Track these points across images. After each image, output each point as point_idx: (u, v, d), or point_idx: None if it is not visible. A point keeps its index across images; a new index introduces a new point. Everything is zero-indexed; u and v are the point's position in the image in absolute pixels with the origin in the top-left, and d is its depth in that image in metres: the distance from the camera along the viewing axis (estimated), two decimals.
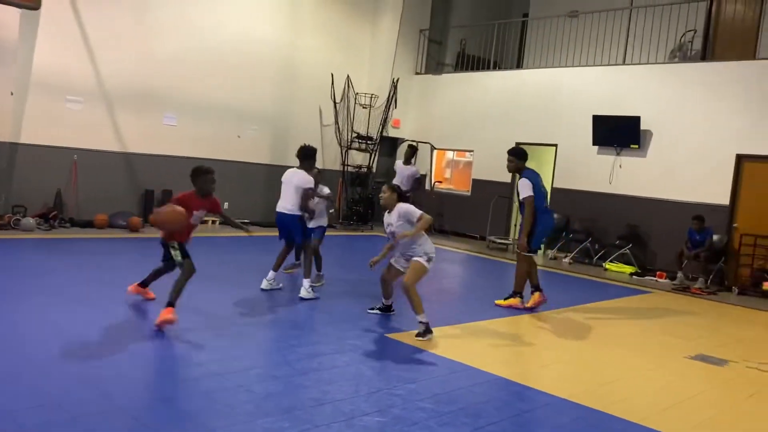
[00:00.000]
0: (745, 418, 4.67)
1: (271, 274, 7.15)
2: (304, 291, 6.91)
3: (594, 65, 12.94)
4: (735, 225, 10.86)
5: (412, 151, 11.15)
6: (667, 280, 10.81)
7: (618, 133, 12.01)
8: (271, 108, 13.33)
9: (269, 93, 13.26)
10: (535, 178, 7.51)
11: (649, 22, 12.50)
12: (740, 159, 10.85)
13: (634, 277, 11.14)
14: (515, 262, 7.94)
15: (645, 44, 12.52)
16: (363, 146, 14.45)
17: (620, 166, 12.16)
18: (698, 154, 11.25)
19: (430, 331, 5.78)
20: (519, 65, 15.70)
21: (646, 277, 11.05)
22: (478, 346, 5.83)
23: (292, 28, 13.52)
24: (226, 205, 12.44)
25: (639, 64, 12.35)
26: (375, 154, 14.72)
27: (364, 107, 14.47)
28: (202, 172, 5.67)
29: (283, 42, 13.36)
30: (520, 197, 7.47)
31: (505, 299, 7.63)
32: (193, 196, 5.64)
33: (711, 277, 10.61)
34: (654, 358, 6.04)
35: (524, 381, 4.91)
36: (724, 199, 10.94)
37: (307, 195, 6.99)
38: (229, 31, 12.37)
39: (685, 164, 11.37)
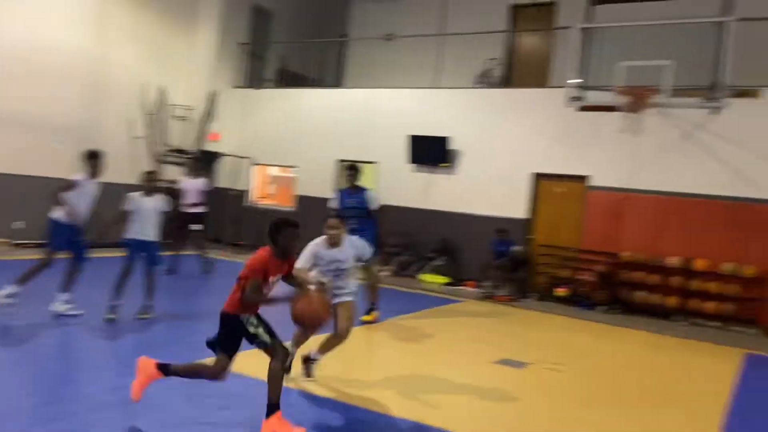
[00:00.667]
0: (538, 416, 5.07)
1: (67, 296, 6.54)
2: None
3: (409, 87, 13.56)
4: (532, 237, 11.91)
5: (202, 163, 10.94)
6: (476, 289, 11.55)
7: (431, 152, 12.66)
8: (77, 119, 12.27)
9: (74, 103, 12.20)
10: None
11: (458, 48, 13.40)
12: (537, 177, 11.94)
13: (446, 286, 11.77)
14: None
15: (454, 69, 13.40)
16: (178, 160, 13.79)
17: (433, 184, 12.83)
18: (501, 172, 12.20)
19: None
20: (339, 84, 16.01)
21: (457, 287, 11.73)
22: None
23: (99, 36, 12.58)
24: (23, 224, 11.20)
25: (449, 87, 13.16)
26: (189, 168, 14.10)
27: (179, 119, 13.84)
28: (288, 225, 4.21)
29: (88, 50, 12.37)
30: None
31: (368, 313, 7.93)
32: (272, 258, 4.14)
33: (513, 285, 11.51)
34: (463, 365, 6.37)
35: (341, 397, 4.91)
36: (523, 214, 11.97)
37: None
38: (18, 37, 11.20)
39: (490, 181, 12.26)
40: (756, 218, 9.98)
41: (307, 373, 5.22)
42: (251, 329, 4.02)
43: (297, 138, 14.58)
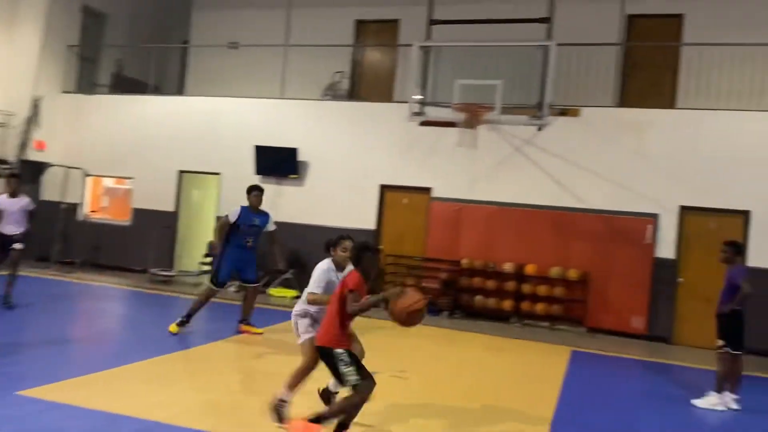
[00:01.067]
0: (383, 426, 5.14)
1: None
2: None
3: (255, 97, 13.33)
4: (380, 247, 12.17)
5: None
6: None
7: (278, 163, 12.52)
8: None
9: None
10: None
11: (305, 60, 13.38)
12: (383, 189, 12.23)
13: (295, 300, 11.63)
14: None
15: (301, 80, 13.36)
16: None
17: (281, 195, 12.68)
18: (350, 183, 12.34)
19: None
20: (181, 92, 15.36)
21: None
22: (131, 390, 5.38)
23: None
24: None
25: (296, 98, 13.11)
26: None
27: None
28: (370, 250, 4.52)
29: None
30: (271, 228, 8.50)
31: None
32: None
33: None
34: (310, 381, 6.31)
35: (174, 420, 4.65)
36: (371, 224, 12.19)
37: None
38: None
39: (339, 193, 12.36)
40: (577, 226, 10.94)
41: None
42: (342, 368, 4.21)
43: (134, 147, 13.77)
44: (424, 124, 9.72)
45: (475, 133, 9.06)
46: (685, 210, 10.49)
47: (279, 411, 4.70)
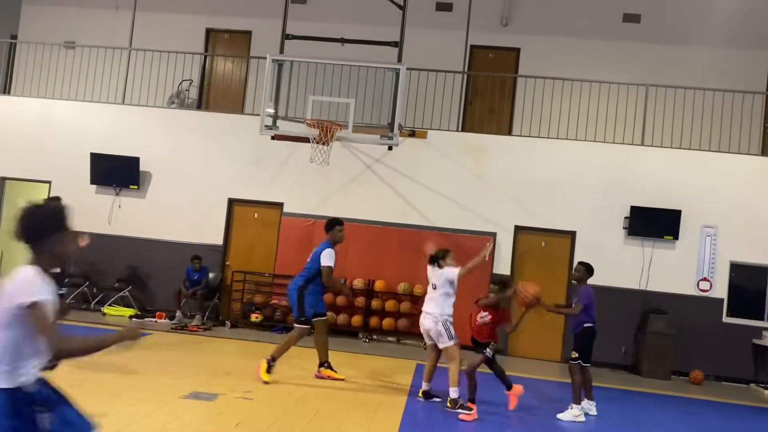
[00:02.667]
0: None
1: None
2: None
3: (93, 101, 12.43)
4: (228, 263, 11.79)
5: None
6: (166, 320, 10.96)
7: (118, 172, 11.75)
8: None
9: None
10: None
11: (151, 65, 12.71)
12: (231, 202, 11.89)
13: (133, 319, 10.94)
14: None
15: (145, 86, 12.66)
16: None
17: (120, 206, 11.90)
18: (195, 196, 11.86)
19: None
20: (7, 91, 13.95)
21: (146, 319, 10.99)
22: None
23: None
24: None
25: (139, 105, 12.41)
26: None
27: None
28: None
29: None
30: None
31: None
32: None
33: (207, 313, 11.21)
34: (149, 403, 5.92)
35: None
36: (219, 239, 11.79)
37: None
38: None
39: (184, 206, 11.83)
40: (422, 243, 11.29)
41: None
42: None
43: None
44: (276, 138, 9.59)
45: (328, 149, 9.10)
46: (519, 229, 11.26)
47: (462, 405, 6.40)
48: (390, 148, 10.09)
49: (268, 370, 7.10)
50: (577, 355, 7.06)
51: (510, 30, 13.23)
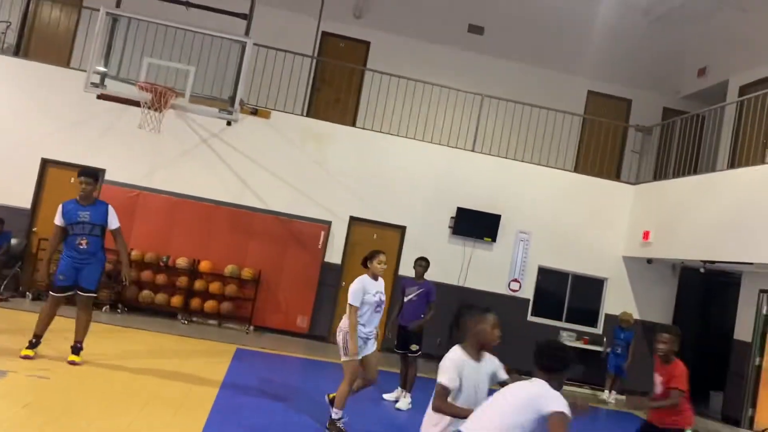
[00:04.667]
0: (18, 429, 4.45)
1: None
2: None
3: None
4: (35, 229, 10.69)
5: None
6: None
7: None
8: None
9: None
10: None
11: None
12: (45, 163, 10.78)
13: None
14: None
15: None
16: None
17: None
18: (3, 152, 10.60)
19: None
20: None
21: None
22: None
23: None
24: None
25: None
26: None
27: None
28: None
29: None
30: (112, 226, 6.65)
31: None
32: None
33: (5, 282, 10.07)
34: None
35: None
36: (26, 203, 10.65)
37: None
38: None
39: None
40: (255, 225, 11.08)
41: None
42: None
43: None
44: (101, 97, 8.81)
45: (160, 117, 8.54)
46: (353, 220, 11.40)
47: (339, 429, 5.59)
48: (229, 124, 9.74)
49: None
50: (418, 347, 7.42)
51: (362, 23, 13.35)
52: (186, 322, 10.59)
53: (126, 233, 10.58)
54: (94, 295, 6.78)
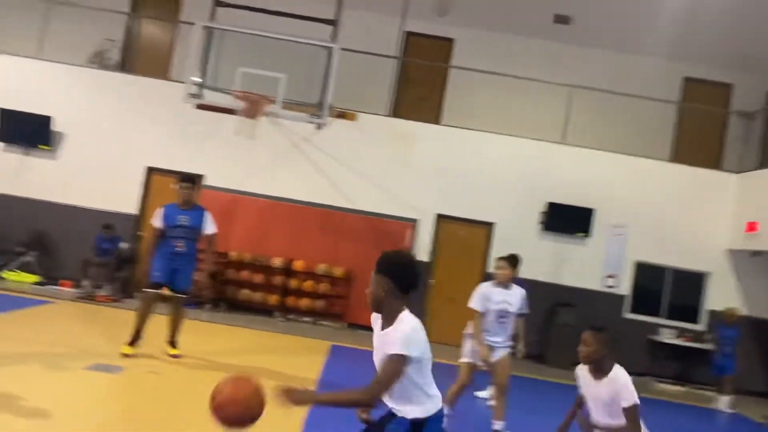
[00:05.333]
0: (141, 419, 4.80)
1: None
2: None
3: (3, 52, 11.63)
4: (142, 234, 11.39)
5: None
6: (72, 289, 10.49)
7: (28, 130, 11.09)
8: None
9: None
10: None
11: (70, 20, 12.02)
12: (150, 171, 11.47)
13: (36, 286, 10.40)
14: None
15: (63, 42, 11.97)
16: None
17: (28, 168, 11.24)
18: (111, 162, 11.36)
19: None
20: None
21: (50, 287, 10.47)
22: None
23: None
24: None
25: (55, 61, 11.71)
26: None
27: None
28: None
29: None
30: (208, 231, 6.89)
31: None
32: None
33: (117, 284, 10.80)
34: (50, 375, 5.67)
35: None
36: (134, 209, 11.36)
37: None
38: None
39: (98, 171, 11.31)
40: (345, 225, 11.34)
41: None
42: None
43: None
44: (201, 107, 9.30)
45: (254, 124, 8.92)
46: (440, 218, 11.44)
47: None
48: (318, 127, 9.99)
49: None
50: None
51: (446, 20, 13.32)
52: (283, 319, 10.99)
53: (225, 235, 11.17)
54: (187, 296, 6.99)
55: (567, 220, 11.24)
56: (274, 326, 10.31)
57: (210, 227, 6.88)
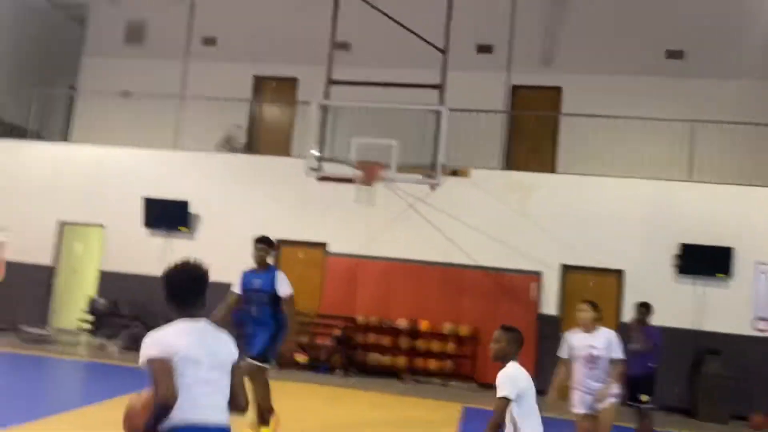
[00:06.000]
0: None
1: None
2: None
3: (146, 147, 12.92)
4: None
5: None
6: None
7: (169, 216, 12.13)
8: None
9: None
10: None
11: (200, 111, 13.21)
12: (279, 243, 12.09)
13: None
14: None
15: (196, 132, 13.14)
16: None
17: (171, 249, 12.23)
18: (243, 238, 12.05)
19: None
20: (66, 139, 14.64)
21: None
22: None
23: None
24: None
25: (189, 150, 12.84)
26: None
27: None
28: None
29: None
30: (281, 293, 6.32)
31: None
32: None
33: None
34: None
35: None
36: None
37: None
38: None
39: (233, 247, 12.03)
40: (467, 282, 11.29)
41: None
42: None
43: (9, 195, 12.85)
44: (321, 179, 9.80)
45: (371, 189, 9.25)
46: (566, 268, 11.11)
47: None
48: (433, 188, 10.18)
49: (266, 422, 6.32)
50: (649, 398, 6.99)
51: (551, 69, 13.29)
52: (412, 381, 10.98)
53: (349, 299, 11.49)
54: (263, 364, 6.33)
55: (703, 261, 10.54)
56: (404, 389, 10.32)
57: (284, 288, 6.33)
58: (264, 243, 6.60)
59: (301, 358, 11.20)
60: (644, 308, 7.57)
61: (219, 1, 14.27)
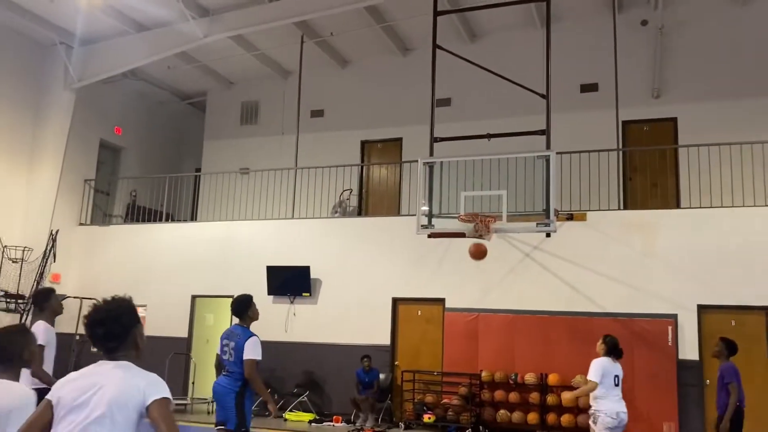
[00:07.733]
0: None
1: None
2: None
3: (266, 218, 13.59)
4: (396, 363, 11.91)
5: None
6: (343, 424, 11.17)
7: (291, 282, 12.57)
8: None
9: None
10: None
11: (313, 180, 13.78)
12: (396, 302, 12.16)
13: (313, 424, 11.28)
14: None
15: (310, 200, 13.68)
16: (11, 306, 12.55)
17: (294, 314, 12.62)
18: (362, 299, 12.30)
19: None
20: (194, 218, 15.72)
21: (324, 423, 11.28)
22: None
23: None
24: None
25: (306, 218, 13.37)
26: (27, 314, 12.85)
27: (14, 262, 12.76)
28: None
29: None
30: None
31: None
32: None
33: (381, 415, 11.28)
34: None
35: None
36: (386, 340, 12.01)
37: None
38: None
39: (352, 309, 12.29)
40: (594, 330, 10.68)
41: None
42: None
43: (147, 275, 13.88)
44: (432, 236, 9.82)
45: (485, 241, 9.13)
46: (702, 309, 10.32)
47: None
48: (548, 235, 9.89)
49: None
50: None
51: (663, 101, 12.74)
52: None
53: (470, 354, 11.23)
54: None
55: None
56: None
57: (247, 352, 5.71)
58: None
59: (428, 417, 11.03)
60: (720, 342, 6.90)
61: (323, 77, 15.05)
